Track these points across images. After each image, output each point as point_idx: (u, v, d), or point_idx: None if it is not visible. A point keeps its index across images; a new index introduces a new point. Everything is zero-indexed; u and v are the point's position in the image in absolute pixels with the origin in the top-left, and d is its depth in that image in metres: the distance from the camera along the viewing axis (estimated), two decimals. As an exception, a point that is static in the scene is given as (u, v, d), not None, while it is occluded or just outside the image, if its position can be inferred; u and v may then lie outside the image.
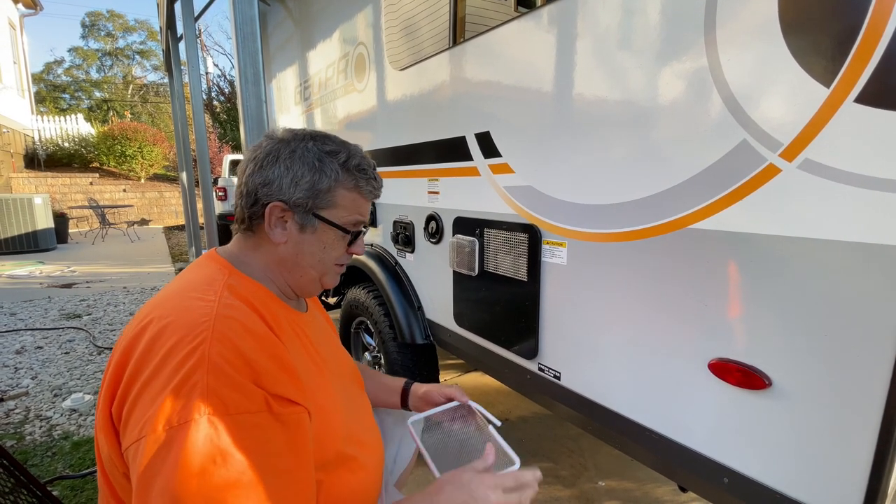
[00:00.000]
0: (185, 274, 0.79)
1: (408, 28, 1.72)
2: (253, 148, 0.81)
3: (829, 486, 0.78)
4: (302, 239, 0.79)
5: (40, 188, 10.65)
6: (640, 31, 0.97)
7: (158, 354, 0.61)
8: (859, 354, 0.72)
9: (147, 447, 0.56)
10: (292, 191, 0.76)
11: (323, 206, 0.79)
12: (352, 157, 0.82)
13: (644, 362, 1.05)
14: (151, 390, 0.59)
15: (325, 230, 0.80)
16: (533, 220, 1.28)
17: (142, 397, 0.59)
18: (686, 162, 0.91)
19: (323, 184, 0.78)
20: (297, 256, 0.80)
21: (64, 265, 6.43)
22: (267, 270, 0.80)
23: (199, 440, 0.55)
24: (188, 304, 0.67)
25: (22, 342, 3.38)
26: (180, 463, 0.55)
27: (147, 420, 0.57)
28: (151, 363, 0.60)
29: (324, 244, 0.81)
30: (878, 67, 0.66)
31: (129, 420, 0.59)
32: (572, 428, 2.17)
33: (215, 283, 0.71)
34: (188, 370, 0.59)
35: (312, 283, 0.84)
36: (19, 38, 13.30)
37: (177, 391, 0.57)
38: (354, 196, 0.82)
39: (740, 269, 0.85)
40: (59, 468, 1.88)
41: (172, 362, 0.59)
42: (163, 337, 0.62)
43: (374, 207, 2.11)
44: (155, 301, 0.72)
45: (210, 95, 14.10)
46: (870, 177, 0.69)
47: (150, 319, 0.66)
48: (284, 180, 0.76)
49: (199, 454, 0.55)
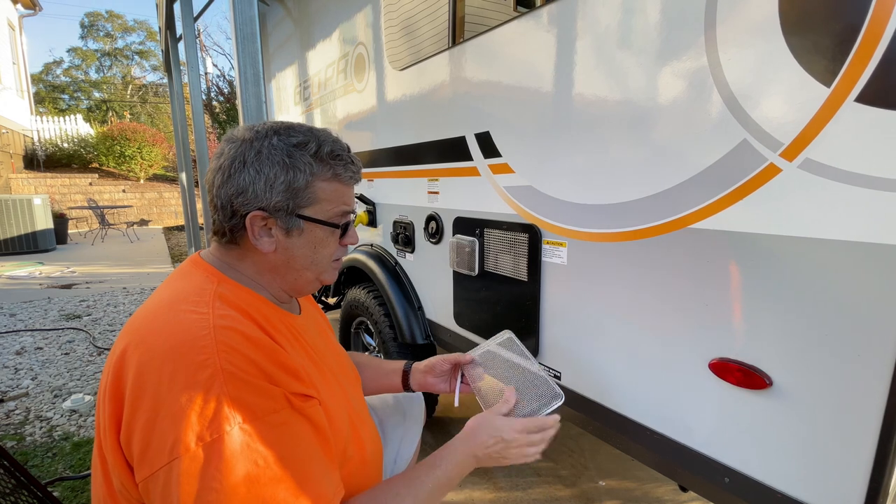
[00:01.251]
0: (171, 283, 0.75)
1: (408, 28, 1.72)
2: (216, 155, 0.75)
3: (829, 486, 0.78)
4: (290, 243, 0.75)
5: (39, 189, 10.64)
6: (640, 31, 0.97)
7: (164, 375, 0.59)
8: (860, 354, 0.72)
9: (184, 467, 0.55)
10: (269, 195, 0.71)
11: (304, 204, 0.74)
12: (322, 144, 0.75)
13: (645, 362, 1.05)
14: (168, 413, 0.57)
15: (312, 229, 0.76)
16: (533, 220, 1.28)
17: (158, 422, 0.57)
18: (686, 161, 0.91)
19: (299, 181, 0.72)
20: (289, 261, 0.76)
21: (63, 266, 6.43)
22: (258, 277, 0.77)
23: (237, 450, 0.57)
24: (181, 319, 0.64)
25: (22, 343, 3.38)
26: (225, 474, 0.55)
27: (174, 443, 0.56)
28: (158, 386, 0.58)
29: (314, 244, 0.76)
30: (878, 67, 0.66)
31: (149, 447, 0.57)
32: (572, 427, 2.17)
33: (205, 294, 0.68)
34: (205, 385, 0.58)
35: (310, 284, 0.80)
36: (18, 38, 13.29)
37: (200, 408, 0.57)
38: (335, 186, 0.76)
39: (741, 269, 0.85)
40: (59, 469, 1.88)
41: (182, 381, 0.58)
42: (164, 357, 0.60)
43: (374, 207, 2.11)
44: (144, 315, 0.68)
45: (209, 95, 14.09)
46: (870, 176, 0.69)
47: (141, 338, 0.64)
48: (258, 186, 0.71)
49: (241, 462, 0.56)
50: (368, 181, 2.13)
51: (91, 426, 2.23)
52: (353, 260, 2.20)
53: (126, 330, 0.68)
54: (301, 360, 0.73)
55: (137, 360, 0.61)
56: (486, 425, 0.82)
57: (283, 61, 2.95)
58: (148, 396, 0.58)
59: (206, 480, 0.55)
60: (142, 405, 0.58)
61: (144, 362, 0.61)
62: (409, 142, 1.80)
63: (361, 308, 2.11)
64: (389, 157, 1.93)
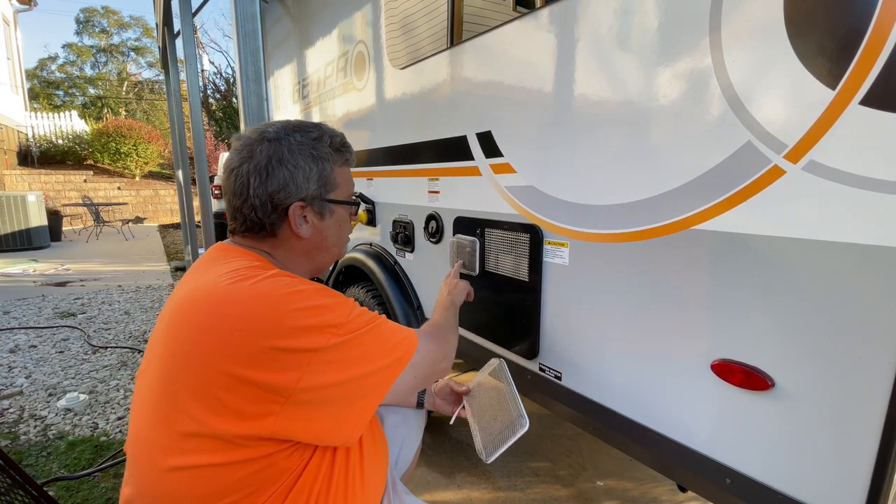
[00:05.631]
0: (210, 267, 0.78)
1: (408, 26, 1.71)
2: (239, 159, 0.80)
3: (831, 487, 0.78)
4: (324, 226, 0.86)
5: (34, 185, 10.55)
6: (644, 32, 0.97)
7: (283, 307, 0.67)
8: (863, 356, 0.72)
9: (357, 338, 0.70)
10: (307, 186, 0.81)
11: (331, 189, 0.85)
12: (333, 136, 0.87)
13: (647, 363, 1.05)
14: (302, 312, 0.67)
15: (338, 210, 0.87)
16: (535, 220, 1.28)
17: (296, 319, 0.67)
18: (690, 163, 0.91)
19: (327, 170, 0.84)
20: (322, 242, 0.87)
21: (58, 263, 6.38)
22: (287, 261, 0.85)
23: (380, 327, 0.76)
24: (259, 288, 0.70)
25: (16, 341, 3.35)
26: (370, 342, 0.73)
27: (328, 324, 0.68)
28: (285, 316, 0.66)
29: (340, 223, 0.89)
30: (883, 70, 0.66)
31: (294, 340, 0.65)
32: (570, 428, 2.17)
33: (263, 269, 0.76)
34: (319, 294, 0.72)
35: (332, 261, 0.93)
36: (13, 33, 13.17)
37: (328, 303, 0.71)
38: (345, 170, 0.89)
39: (744, 271, 0.86)
40: (53, 468, 1.86)
41: (304, 300, 0.69)
42: (265, 303, 0.67)
43: (373, 206, 2.10)
44: (209, 288, 0.72)
45: (206, 93, 14.01)
46: (874, 179, 0.69)
47: (221, 311, 0.68)
48: (297, 179, 0.80)
49: (384, 331, 0.76)
50: (368, 180, 2.12)
51: (86, 425, 2.21)
52: (352, 259, 2.19)
53: (181, 312, 0.72)
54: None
55: (247, 318, 0.66)
56: (452, 285, 1.26)
57: (281, 59, 2.94)
58: (280, 325, 0.66)
59: (366, 335, 0.72)
60: (277, 334, 0.65)
61: (242, 319, 0.66)
62: (410, 141, 1.79)
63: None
64: (389, 156, 1.93)
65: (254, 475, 0.66)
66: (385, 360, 0.73)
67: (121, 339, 3.42)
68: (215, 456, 0.64)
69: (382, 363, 0.73)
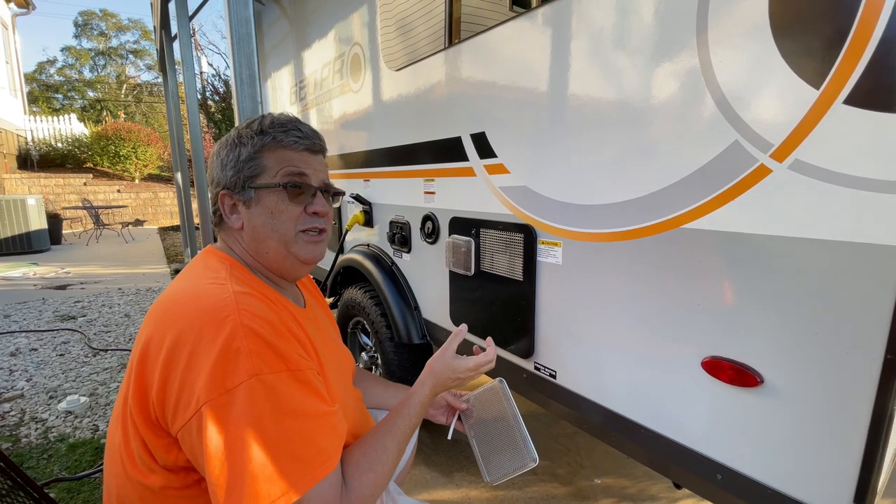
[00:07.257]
0: (189, 270, 0.83)
1: (403, 28, 1.72)
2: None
3: (820, 482, 0.79)
4: (251, 214, 0.81)
5: (33, 189, 10.57)
6: (634, 33, 0.98)
7: (193, 336, 0.65)
8: (849, 352, 0.73)
9: (212, 414, 0.61)
10: (225, 174, 0.81)
11: (253, 174, 0.80)
12: (265, 118, 0.83)
13: (638, 361, 1.06)
14: (195, 366, 0.63)
15: (263, 195, 0.80)
16: (528, 220, 1.29)
17: (188, 376, 0.63)
18: (679, 162, 0.92)
19: (244, 154, 0.80)
20: (254, 232, 0.81)
21: (58, 266, 6.40)
22: (246, 257, 0.84)
23: (258, 396, 0.63)
24: (204, 290, 0.72)
25: (16, 344, 3.36)
26: (248, 418, 0.62)
27: (201, 392, 0.61)
28: (192, 346, 0.64)
29: (269, 210, 0.80)
30: (866, 69, 0.67)
31: (180, 400, 0.63)
32: (568, 426, 2.18)
33: (221, 271, 0.77)
34: (225, 339, 0.64)
35: (285, 259, 0.83)
36: (11, 37, 13.19)
37: (223, 360, 0.63)
38: (279, 152, 0.81)
39: (732, 269, 0.86)
40: (54, 470, 1.88)
41: (208, 337, 0.64)
42: (193, 321, 0.66)
43: (370, 207, 2.11)
44: (169, 298, 0.75)
45: (205, 95, 14.02)
46: (858, 177, 0.70)
47: (171, 313, 0.70)
48: (217, 169, 0.82)
49: (256, 408, 0.62)
50: (365, 181, 2.13)
51: (87, 427, 2.22)
52: (349, 260, 2.20)
53: (152, 313, 0.74)
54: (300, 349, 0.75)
55: (173, 331, 0.66)
56: (445, 368, 0.95)
57: (278, 61, 2.95)
58: (183, 356, 0.64)
59: (230, 426, 0.61)
60: (177, 365, 0.64)
61: (179, 330, 0.66)
62: (406, 142, 1.80)
63: (358, 308, 2.12)
64: (385, 157, 1.94)
65: (198, 499, 0.68)
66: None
67: (121, 341, 3.43)
68: (158, 477, 0.68)
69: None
